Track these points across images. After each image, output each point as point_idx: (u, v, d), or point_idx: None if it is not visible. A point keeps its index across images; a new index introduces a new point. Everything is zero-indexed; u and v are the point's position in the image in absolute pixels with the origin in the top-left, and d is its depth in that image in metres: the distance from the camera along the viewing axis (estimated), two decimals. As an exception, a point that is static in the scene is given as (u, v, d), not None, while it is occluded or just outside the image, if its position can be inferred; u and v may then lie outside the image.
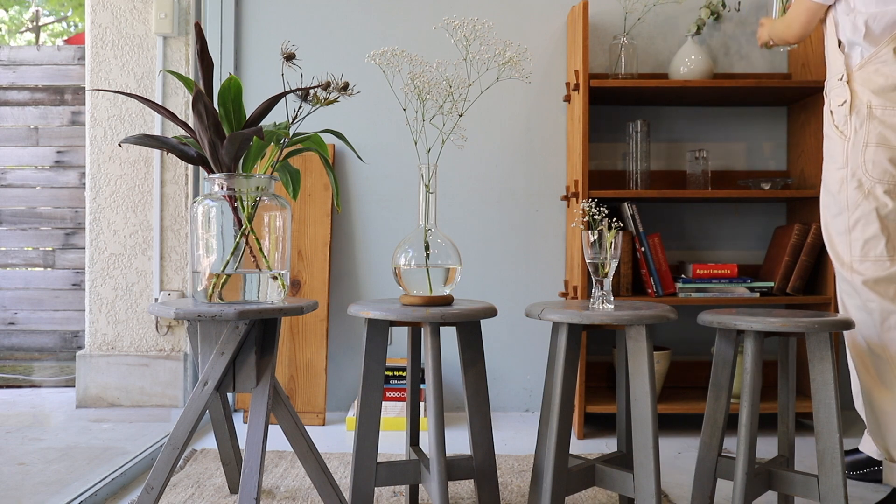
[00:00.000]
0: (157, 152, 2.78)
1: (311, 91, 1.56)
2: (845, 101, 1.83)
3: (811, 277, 2.57)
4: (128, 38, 2.79)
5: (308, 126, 1.91)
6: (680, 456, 2.24)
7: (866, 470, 2.01)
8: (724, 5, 2.70)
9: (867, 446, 2.00)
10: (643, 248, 2.50)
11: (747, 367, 1.54)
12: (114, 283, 2.79)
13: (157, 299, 2.77)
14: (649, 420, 1.50)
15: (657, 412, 1.55)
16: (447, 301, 1.59)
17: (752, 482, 1.53)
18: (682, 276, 2.57)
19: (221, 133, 1.51)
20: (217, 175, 1.53)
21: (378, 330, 1.61)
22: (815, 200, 2.55)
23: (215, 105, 1.53)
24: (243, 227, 1.52)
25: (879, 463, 1.99)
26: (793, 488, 1.59)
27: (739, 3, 2.74)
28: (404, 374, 2.51)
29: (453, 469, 1.59)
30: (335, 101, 1.58)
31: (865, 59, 1.82)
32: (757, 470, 1.58)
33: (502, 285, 2.80)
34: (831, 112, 1.88)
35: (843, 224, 1.84)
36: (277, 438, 2.18)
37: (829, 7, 1.90)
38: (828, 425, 1.53)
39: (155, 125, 2.77)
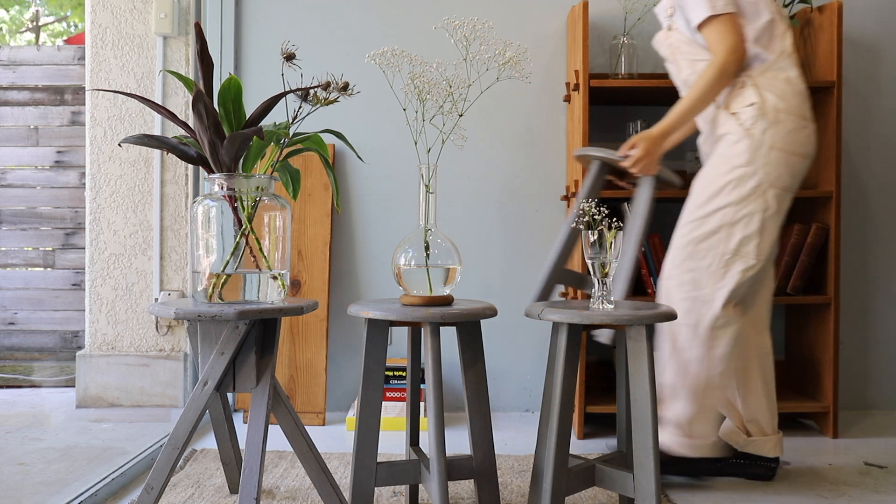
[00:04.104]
0: (157, 152, 2.78)
1: (311, 91, 1.56)
2: (753, 104, 1.90)
3: (811, 277, 2.57)
4: (128, 38, 2.79)
5: (308, 126, 1.91)
6: (680, 456, 2.24)
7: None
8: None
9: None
10: (643, 249, 2.50)
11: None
12: (114, 283, 2.79)
13: (157, 299, 2.77)
14: (649, 420, 1.50)
15: (657, 412, 1.55)
16: (447, 301, 1.59)
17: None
18: (682, 276, 2.56)
19: (221, 133, 1.51)
20: (217, 175, 1.53)
21: (378, 330, 1.61)
22: (816, 200, 2.56)
23: (215, 105, 1.54)
24: (243, 227, 1.52)
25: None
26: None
27: None
28: (404, 374, 2.51)
29: (453, 469, 1.59)
30: (335, 101, 1.58)
31: (766, 65, 1.93)
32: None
33: (502, 285, 2.80)
34: (735, 114, 1.93)
35: (729, 216, 1.89)
36: (277, 438, 2.17)
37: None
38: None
39: (155, 125, 2.77)
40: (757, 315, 2.04)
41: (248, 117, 1.55)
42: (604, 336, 1.93)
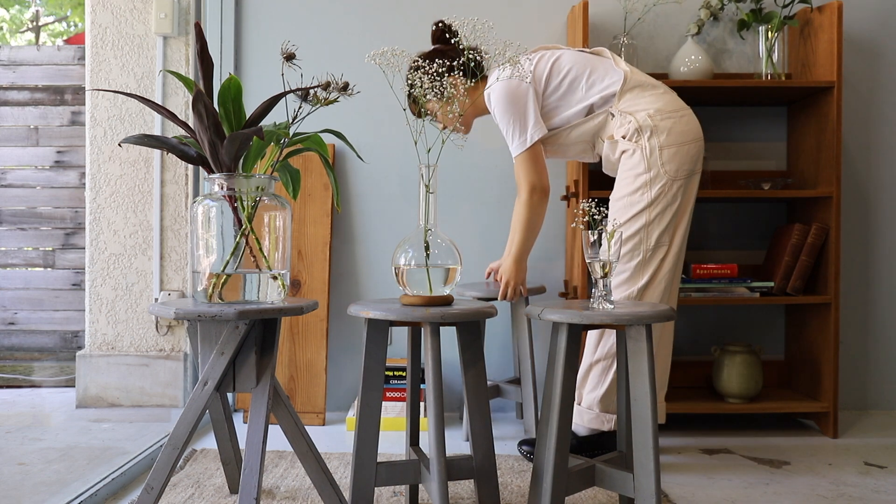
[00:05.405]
0: (157, 152, 2.78)
1: (311, 91, 1.56)
2: (630, 122, 2.08)
3: (811, 277, 2.57)
4: (128, 38, 2.79)
5: (308, 126, 1.91)
6: (680, 456, 2.24)
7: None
8: (722, 7, 2.70)
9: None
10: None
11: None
12: (114, 283, 2.79)
13: (157, 299, 2.77)
14: (649, 420, 1.50)
15: (657, 412, 1.55)
16: (447, 301, 1.59)
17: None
18: (683, 275, 2.56)
19: (221, 133, 1.51)
20: (217, 175, 1.53)
21: (378, 330, 1.61)
22: (816, 200, 2.56)
23: (215, 105, 1.53)
24: (243, 227, 1.52)
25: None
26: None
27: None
28: (404, 374, 2.51)
29: (453, 469, 1.59)
30: (335, 101, 1.58)
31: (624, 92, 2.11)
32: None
33: (502, 285, 2.79)
34: (623, 137, 2.10)
35: (644, 219, 2.06)
36: (277, 438, 2.18)
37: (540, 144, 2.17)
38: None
39: (155, 125, 2.77)
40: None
41: (248, 117, 1.55)
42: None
